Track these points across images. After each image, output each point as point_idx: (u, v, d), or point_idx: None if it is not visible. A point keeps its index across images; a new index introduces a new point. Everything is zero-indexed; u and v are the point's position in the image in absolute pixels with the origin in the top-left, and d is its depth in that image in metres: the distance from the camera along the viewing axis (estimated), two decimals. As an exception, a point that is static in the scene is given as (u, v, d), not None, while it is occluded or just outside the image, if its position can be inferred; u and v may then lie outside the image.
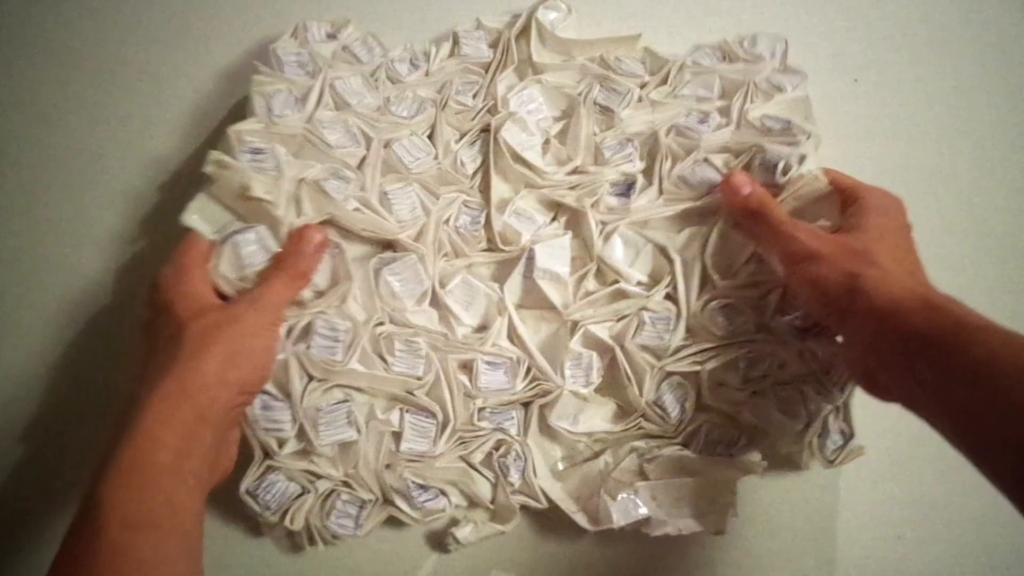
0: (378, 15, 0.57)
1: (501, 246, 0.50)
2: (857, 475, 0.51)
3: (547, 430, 0.49)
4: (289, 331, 0.45)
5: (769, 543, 0.51)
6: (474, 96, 0.53)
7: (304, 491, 0.46)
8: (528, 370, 0.48)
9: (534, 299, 0.49)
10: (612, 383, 0.49)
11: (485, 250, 0.51)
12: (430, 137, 0.52)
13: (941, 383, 0.35)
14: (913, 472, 0.52)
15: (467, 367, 0.48)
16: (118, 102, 0.56)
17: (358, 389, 0.47)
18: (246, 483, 0.45)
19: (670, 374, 0.48)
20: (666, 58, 0.54)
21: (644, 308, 0.48)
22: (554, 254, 0.49)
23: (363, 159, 0.49)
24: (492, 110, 0.52)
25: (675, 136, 0.51)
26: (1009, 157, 0.59)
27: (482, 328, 0.49)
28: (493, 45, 0.55)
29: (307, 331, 0.45)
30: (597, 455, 0.49)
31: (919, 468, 0.53)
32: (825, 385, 0.48)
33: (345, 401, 0.46)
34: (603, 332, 0.48)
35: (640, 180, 0.50)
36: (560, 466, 0.49)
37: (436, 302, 0.48)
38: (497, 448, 0.48)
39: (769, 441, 0.49)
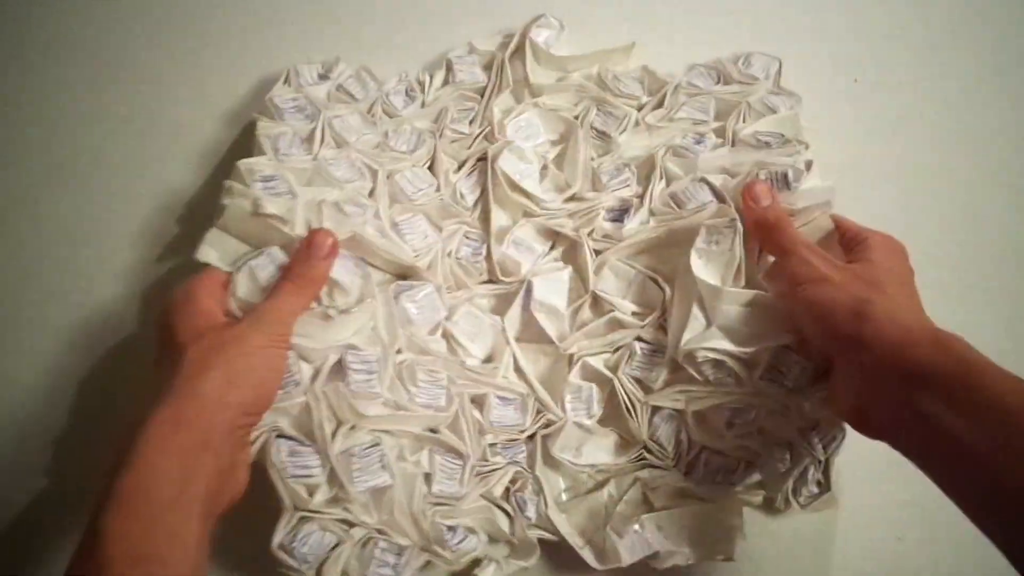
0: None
1: (501, 277, 0.50)
2: (856, 476, 0.51)
3: (551, 461, 0.48)
4: (316, 373, 0.43)
5: (768, 544, 0.51)
6: (470, 123, 0.53)
7: (339, 541, 0.43)
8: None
9: (532, 332, 0.49)
10: (613, 414, 0.48)
11: (485, 282, 0.50)
12: (430, 168, 0.52)
13: (943, 420, 0.35)
14: (912, 473, 0.52)
15: (478, 401, 0.47)
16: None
17: (385, 431, 0.45)
18: (279, 537, 0.41)
19: (659, 408, 0.47)
20: (663, 79, 0.53)
21: (637, 338, 0.47)
22: (552, 287, 0.49)
23: (371, 191, 0.49)
24: (488, 136, 0.52)
25: (671, 156, 0.50)
26: (1009, 157, 0.59)
27: (489, 360, 0.49)
28: (487, 67, 0.54)
29: (338, 369, 0.43)
30: (600, 485, 0.48)
31: (918, 469, 0.52)
32: (810, 440, 0.47)
33: (376, 444, 0.43)
34: (600, 364, 0.48)
35: (635, 204, 0.50)
36: (564, 497, 0.48)
37: (444, 333, 0.48)
38: (514, 482, 0.47)
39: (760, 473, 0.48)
